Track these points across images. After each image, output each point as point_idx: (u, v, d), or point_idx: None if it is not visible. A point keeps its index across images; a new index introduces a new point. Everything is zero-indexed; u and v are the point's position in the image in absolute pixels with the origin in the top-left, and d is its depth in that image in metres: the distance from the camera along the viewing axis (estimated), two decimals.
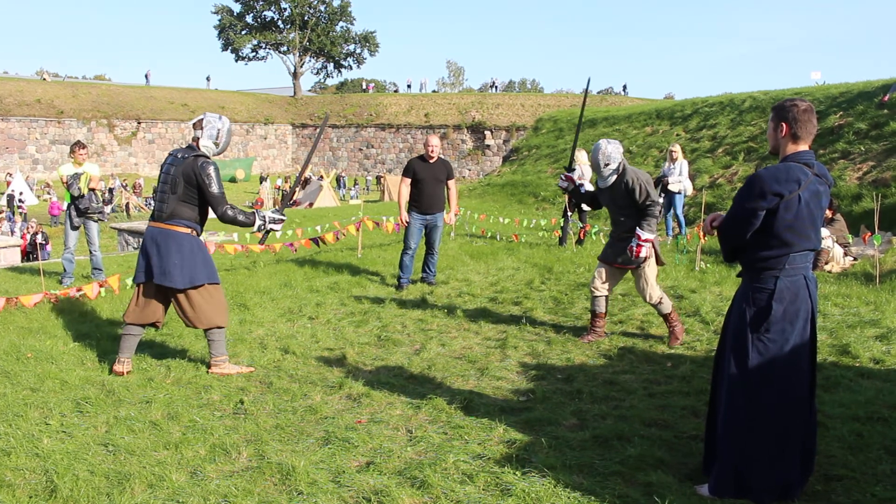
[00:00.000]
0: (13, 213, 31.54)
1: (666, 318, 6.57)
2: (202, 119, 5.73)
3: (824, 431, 4.27)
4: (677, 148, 12.91)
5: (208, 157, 5.63)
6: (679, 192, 12.69)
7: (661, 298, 6.50)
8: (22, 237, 22.99)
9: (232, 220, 5.68)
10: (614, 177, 6.35)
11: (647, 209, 6.27)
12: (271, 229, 5.88)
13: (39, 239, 21.94)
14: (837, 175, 12.91)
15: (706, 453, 3.87)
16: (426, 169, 8.93)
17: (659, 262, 6.53)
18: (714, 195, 14.45)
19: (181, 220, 5.59)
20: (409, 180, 9.03)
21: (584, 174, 13.00)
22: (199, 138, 5.68)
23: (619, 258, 6.51)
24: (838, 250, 9.56)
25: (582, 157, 12.48)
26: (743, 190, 3.54)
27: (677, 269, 9.60)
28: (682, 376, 5.55)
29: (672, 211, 12.90)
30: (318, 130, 6.40)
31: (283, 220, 5.92)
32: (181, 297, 5.66)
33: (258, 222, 5.80)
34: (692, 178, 14.38)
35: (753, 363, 3.52)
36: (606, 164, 6.32)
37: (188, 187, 5.55)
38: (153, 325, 5.87)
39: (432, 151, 8.96)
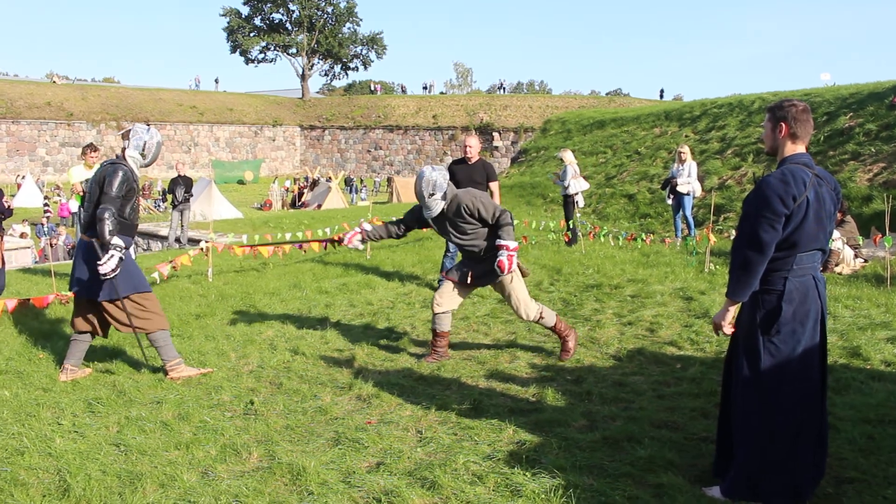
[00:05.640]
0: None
1: (553, 330, 6.20)
2: (130, 130, 5.73)
3: (835, 434, 4.25)
4: (686, 149, 12.90)
5: (123, 164, 5.55)
6: (688, 194, 12.67)
7: (539, 312, 6.09)
8: (50, 243, 23.06)
9: (100, 221, 5.28)
10: (442, 204, 5.93)
11: (500, 219, 5.85)
12: (111, 256, 5.35)
13: (62, 242, 22.09)
14: (847, 177, 12.86)
15: (717, 455, 3.87)
16: (463, 171, 8.78)
17: (523, 273, 6.18)
18: (723, 196, 14.41)
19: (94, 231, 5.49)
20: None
21: (576, 172, 13.05)
22: (125, 148, 5.67)
23: (473, 277, 6.07)
24: (849, 252, 9.52)
25: (567, 156, 13.10)
26: (758, 201, 3.42)
27: (686, 271, 9.58)
28: (692, 378, 5.54)
29: (681, 212, 12.89)
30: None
31: (119, 257, 5.37)
32: (108, 306, 5.62)
33: (110, 251, 5.33)
34: (701, 179, 14.35)
35: (766, 365, 3.51)
36: (432, 194, 5.90)
37: (104, 196, 5.46)
38: (92, 333, 5.83)
39: (468, 152, 8.85)
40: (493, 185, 9.01)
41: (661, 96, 64.73)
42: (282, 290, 9.00)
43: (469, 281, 6.07)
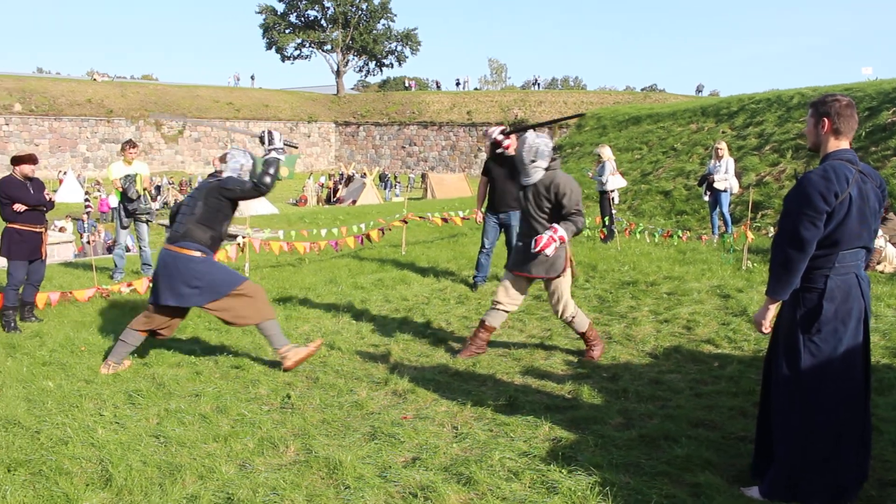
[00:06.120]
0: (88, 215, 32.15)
1: (583, 336, 6.10)
2: (227, 154, 5.83)
3: (878, 436, 4.18)
4: (723, 145, 12.73)
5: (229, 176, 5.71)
6: (725, 191, 12.50)
7: (573, 315, 6.01)
8: (89, 240, 23.52)
9: (272, 180, 5.63)
10: (541, 174, 5.88)
11: (573, 214, 5.75)
12: (283, 146, 5.79)
13: (102, 238, 22.52)
14: (890, 173, 12.60)
15: (756, 455, 3.83)
16: (499, 166, 8.80)
17: (573, 273, 6.09)
18: (761, 193, 14.21)
19: (191, 243, 5.61)
20: (485, 179, 8.95)
21: (614, 168, 12.96)
22: (222, 171, 5.80)
23: (527, 266, 5.96)
24: (891, 250, 9.34)
25: (606, 151, 13.04)
26: (799, 198, 3.37)
27: (724, 269, 9.47)
28: (730, 376, 5.49)
29: (718, 209, 12.73)
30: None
31: (280, 147, 5.79)
32: (216, 308, 5.70)
33: (276, 157, 5.71)
34: (738, 175, 14.16)
35: (806, 365, 3.46)
36: (533, 161, 5.85)
37: (208, 209, 5.62)
38: (159, 334, 5.91)
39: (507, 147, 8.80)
40: None
41: (700, 92, 63.89)
42: (318, 286, 9.06)
43: (521, 269, 5.97)
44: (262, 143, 5.75)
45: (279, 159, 5.64)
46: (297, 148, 6.23)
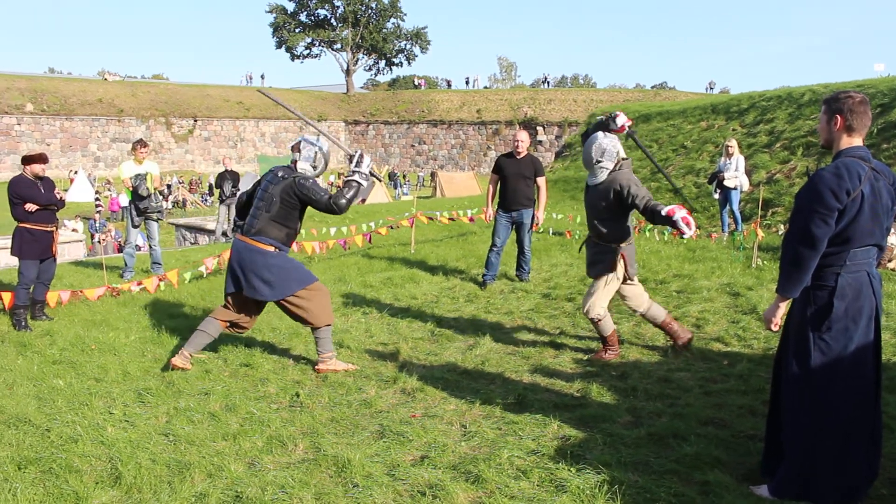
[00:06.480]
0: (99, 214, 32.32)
1: (604, 340, 6.02)
2: (300, 142, 5.80)
3: (889, 434, 4.16)
4: (733, 143, 12.67)
5: (305, 176, 5.66)
6: (735, 188, 12.45)
7: (600, 316, 5.89)
8: (100, 240, 23.63)
9: (347, 204, 5.52)
10: (607, 175, 5.79)
11: (648, 203, 5.54)
12: (368, 173, 5.70)
13: (112, 237, 22.61)
14: None
15: (766, 454, 3.80)
16: (512, 165, 8.80)
17: (627, 275, 5.98)
18: (771, 191, 14.14)
19: (266, 238, 5.61)
20: (496, 177, 8.97)
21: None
22: (296, 160, 5.75)
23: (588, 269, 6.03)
24: None
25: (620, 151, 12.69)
26: (811, 195, 3.34)
27: (734, 266, 9.43)
28: (739, 374, 5.46)
29: (728, 207, 12.67)
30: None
31: (365, 173, 5.69)
32: (283, 303, 5.71)
33: (358, 181, 5.61)
34: (749, 173, 14.09)
35: (816, 363, 3.44)
36: (599, 161, 5.79)
37: (283, 207, 5.59)
38: (241, 328, 5.95)
39: (519, 147, 8.84)
40: (541, 181, 8.97)
41: (710, 89, 63.62)
42: (327, 284, 9.05)
43: (595, 272, 5.97)
44: (350, 162, 5.72)
45: (361, 185, 5.55)
46: (380, 181, 6.15)
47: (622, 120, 6.24)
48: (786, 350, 3.64)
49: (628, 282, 6.04)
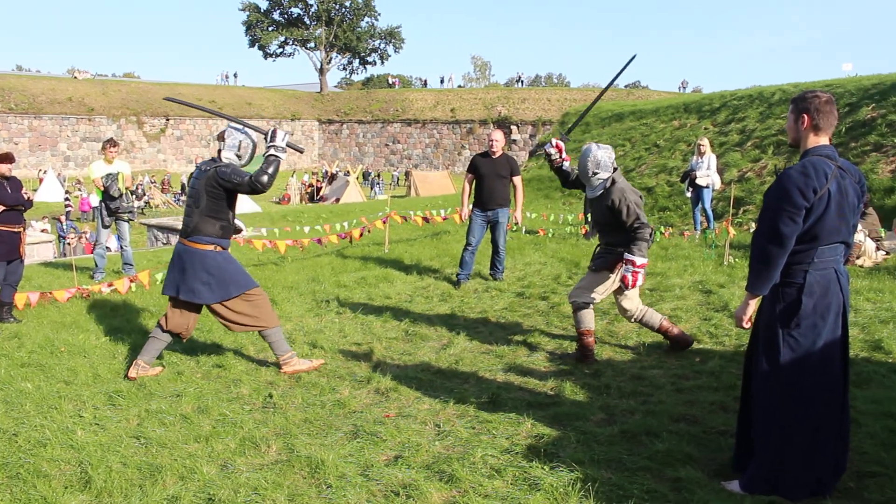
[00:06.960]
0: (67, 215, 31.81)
1: (579, 333, 5.95)
2: (224, 131, 5.73)
3: (857, 428, 4.22)
4: (705, 142, 12.78)
5: (226, 164, 5.55)
6: (707, 187, 12.56)
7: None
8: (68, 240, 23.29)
9: (269, 179, 5.38)
10: (603, 187, 5.82)
11: (636, 231, 5.65)
12: (285, 146, 5.57)
13: (87, 238, 22.32)
14: (869, 168, 12.70)
15: (737, 449, 3.85)
16: (487, 164, 8.79)
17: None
18: (743, 189, 14.28)
19: (203, 237, 5.50)
20: (471, 176, 8.97)
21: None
22: (221, 150, 5.67)
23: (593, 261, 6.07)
24: (870, 244, 9.41)
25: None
26: (778, 193, 3.39)
27: (706, 264, 9.52)
28: (711, 371, 5.51)
29: (700, 205, 12.78)
30: None
31: (281, 146, 5.54)
32: (217, 308, 5.61)
33: (275, 154, 5.47)
34: (720, 172, 14.22)
35: (785, 359, 3.48)
36: (595, 173, 5.82)
37: (211, 200, 5.47)
38: (178, 336, 5.77)
39: (494, 146, 8.84)
40: (517, 180, 8.98)
41: (683, 88, 64.10)
42: (300, 284, 9.02)
43: (594, 266, 6.00)
44: (265, 139, 5.63)
45: (279, 158, 5.50)
46: (302, 152, 6.10)
47: (552, 150, 6.34)
48: (756, 347, 3.68)
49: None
